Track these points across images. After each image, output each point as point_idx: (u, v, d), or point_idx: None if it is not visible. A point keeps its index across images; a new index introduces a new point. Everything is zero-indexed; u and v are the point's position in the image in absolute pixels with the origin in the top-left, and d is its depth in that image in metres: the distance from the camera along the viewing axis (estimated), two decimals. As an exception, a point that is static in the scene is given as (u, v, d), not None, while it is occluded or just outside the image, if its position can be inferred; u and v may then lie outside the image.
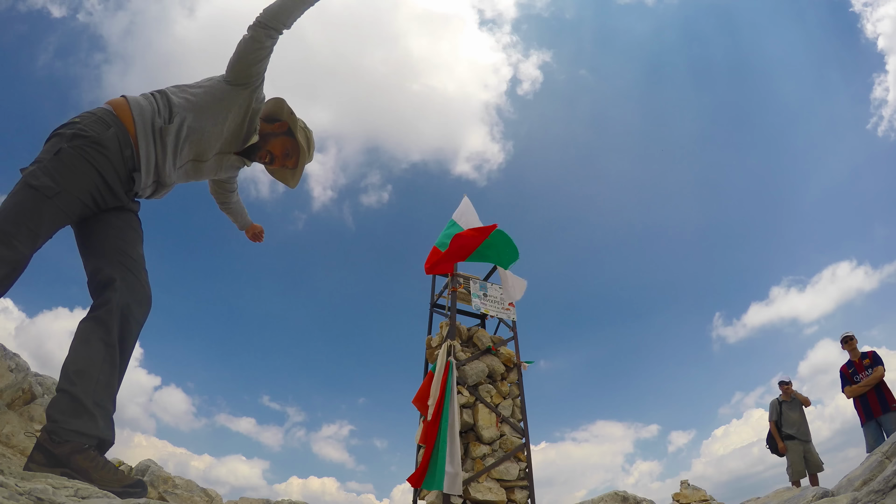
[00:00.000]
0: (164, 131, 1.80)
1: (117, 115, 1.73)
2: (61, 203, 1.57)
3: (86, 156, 1.62)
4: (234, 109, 1.93)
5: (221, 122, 1.92)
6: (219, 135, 1.94)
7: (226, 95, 1.91)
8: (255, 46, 1.87)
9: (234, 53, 1.90)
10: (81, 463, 1.41)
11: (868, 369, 5.86)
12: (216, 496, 9.26)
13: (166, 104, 1.84)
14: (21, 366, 7.50)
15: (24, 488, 0.99)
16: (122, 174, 1.73)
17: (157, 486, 8.21)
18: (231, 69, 1.91)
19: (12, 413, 6.35)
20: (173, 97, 1.87)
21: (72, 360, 1.56)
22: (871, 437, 5.66)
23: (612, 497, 8.85)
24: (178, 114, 1.84)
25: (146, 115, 1.78)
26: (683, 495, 9.23)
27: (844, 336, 6.13)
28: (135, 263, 1.77)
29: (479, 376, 6.12)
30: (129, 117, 1.74)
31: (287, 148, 2.10)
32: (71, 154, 1.60)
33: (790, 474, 6.46)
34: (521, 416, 6.16)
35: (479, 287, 6.66)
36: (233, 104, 1.92)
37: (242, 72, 1.90)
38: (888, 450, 2.24)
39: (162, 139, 1.81)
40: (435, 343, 6.75)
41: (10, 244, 1.46)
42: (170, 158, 1.86)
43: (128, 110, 1.76)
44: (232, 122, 1.95)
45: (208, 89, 1.92)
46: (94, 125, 1.67)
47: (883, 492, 1.52)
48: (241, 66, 1.89)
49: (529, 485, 5.77)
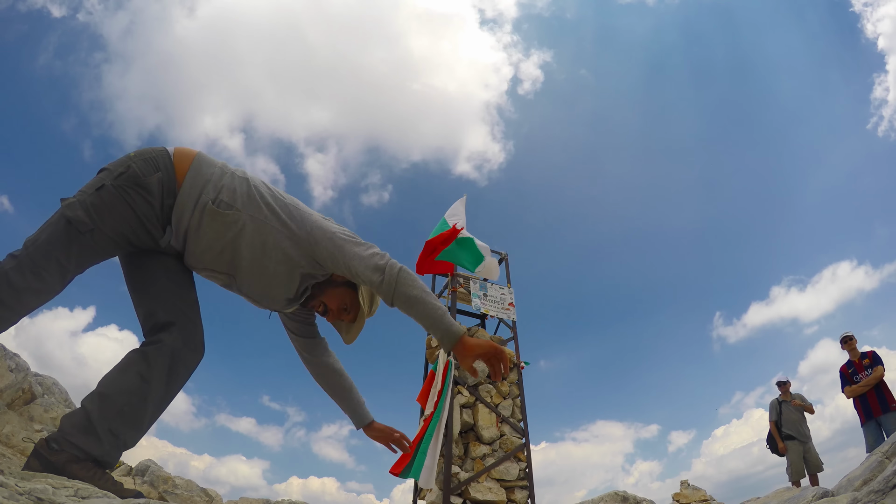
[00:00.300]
0: (206, 211, 1.55)
1: (173, 162, 1.59)
2: (94, 240, 1.50)
3: (126, 196, 1.51)
4: (295, 269, 1.64)
5: (273, 262, 1.61)
6: (261, 271, 1.63)
7: (298, 251, 1.62)
8: (373, 279, 1.58)
9: (348, 256, 1.58)
10: (77, 472, 1.40)
11: (868, 369, 5.87)
12: (216, 496, 9.26)
13: (232, 190, 1.59)
14: (21, 366, 7.50)
15: (24, 488, 0.99)
16: (161, 222, 1.58)
17: (157, 486, 8.21)
18: (326, 255, 1.61)
19: (12, 413, 6.35)
20: (251, 190, 1.61)
21: (103, 382, 1.53)
22: (870, 437, 5.66)
23: (612, 497, 8.85)
24: (237, 212, 1.57)
25: (199, 180, 1.58)
26: (683, 495, 9.23)
27: (844, 336, 6.14)
28: (191, 308, 1.67)
29: (479, 376, 6.13)
30: (184, 170, 1.58)
31: (345, 301, 1.78)
32: (112, 192, 1.50)
33: (790, 474, 6.47)
34: (521, 416, 6.16)
35: (479, 287, 6.66)
36: (298, 265, 1.63)
37: (334, 269, 1.65)
38: (888, 450, 2.24)
39: (200, 218, 1.56)
40: (435, 343, 6.76)
41: (39, 275, 1.43)
42: (199, 245, 1.59)
43: (187, 162, 1.60)
44: (286, 272, 1.64)
45: (287, 227, 1.61)
46: (143, 165, 1.55)
47: (883, 492, 1.52)
48: (341, 268, 1.62)
49: (529, 485, 5.77)
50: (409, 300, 1.57)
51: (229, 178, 1.61)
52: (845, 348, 6.11)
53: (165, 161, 1.57)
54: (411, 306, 1.58)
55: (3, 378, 6.65)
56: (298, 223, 1.62)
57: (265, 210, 1.60)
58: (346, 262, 1.59)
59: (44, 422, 7.65)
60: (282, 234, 1.60)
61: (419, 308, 1.57)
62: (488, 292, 6.70)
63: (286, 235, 1.60)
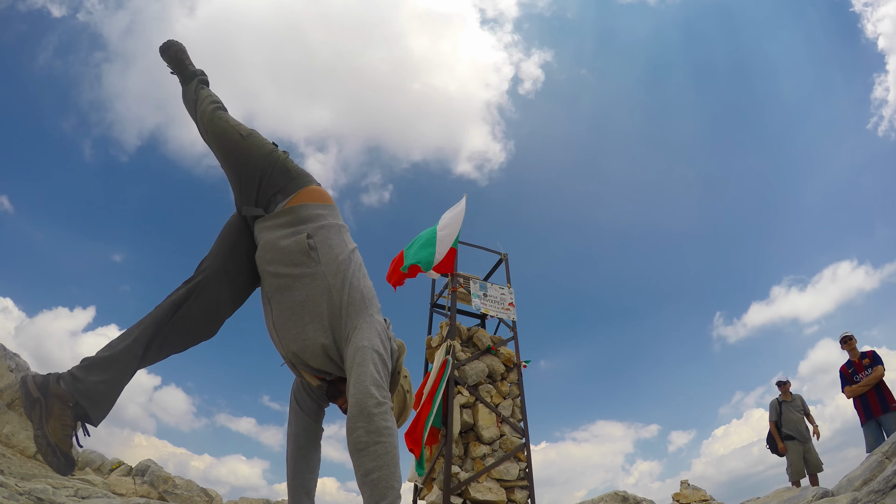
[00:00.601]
0: (297, 238, 1.65)
1: (307, 184, 1.80)
2: None
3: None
4: (320, 344, 1.58)
5: (309, 321, 1.59)
6: (295, 319, 1.60)
7: (333, 335, 1.59)
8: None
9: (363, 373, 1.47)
10: (53, 406, 1.43)
11: (868, 369, 5.86)
12: (216, 496, 9.27)
13: (329, 245, 1.65)
14: (21, 366, 7.50)
15: (25, 488, 1.00)
16: (255, 200, 1.81)
17: (158, 486, 8.21)
18: (347, 359, 1.53)
19: (12, 413, 6.36)
20: (345, 259, 1.65)
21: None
22: (871, 437, 5.66)
23: (613, 497, 8.86)
24: (317, 263, 1.61)
25: (314, 211, 1.72)
26: (683, 495, 9.23)
27: (844, 336, 6.13)
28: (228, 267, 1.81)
29: (479, 376, 6.12)
30: (311, 193, 1.77)
31: None
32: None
33: (790, 474, 6.47)
34: (521, 416, 6.16)
35: (479, 287, 6.66)
36: (326, 344, 1.57)
37: (347, 372, 1.56)
38: (888, 450, 2.24)
39: (287, 236, 1.66)
40: (435, 343, 6.75)
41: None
42: (269, 253, 1.67)
43: (318, 195, 1.78)
44: (314, 334, 1.58)
45: (340, 310, 1.58)
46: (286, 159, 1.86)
47: (883, 492, 1.52)
48: (350, 376, 1.52)
49: (529, 485, 5.77)
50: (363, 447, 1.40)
51: (336, 233, 1.69)
52: (845, 348, 6.10)
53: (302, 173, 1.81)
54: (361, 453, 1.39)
55: (3, 378, 6.65)
56: (351, 319, 1.58)
57: (331, 256, 1.64)
58: (358, 375, 1.47)
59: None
60: (332, 312, 1.58)
61: (365, 462, 1.38)
62: (488, 292, 6.70)
63: (333, 315, 1.58)
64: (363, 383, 1.42)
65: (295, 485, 1.76)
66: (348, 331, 1.55)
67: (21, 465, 4.62)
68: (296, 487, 1.76)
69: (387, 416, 1.42)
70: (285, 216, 1.68)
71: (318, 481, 1.82)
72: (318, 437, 1.84)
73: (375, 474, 1.35)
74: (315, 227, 1.66)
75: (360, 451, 1.37)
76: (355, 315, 1.57)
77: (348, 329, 1.55)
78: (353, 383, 1.44)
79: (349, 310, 1.57)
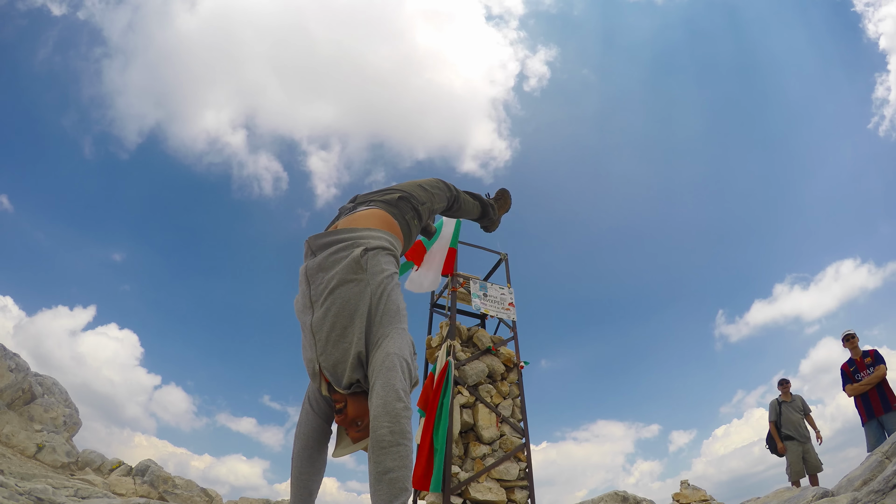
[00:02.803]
0: (354, 252, 1.72)
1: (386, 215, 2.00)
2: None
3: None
4: (353, 343, 1.65)
5: (348, 325, 1.64)
6: (339, 335, 1.65)
7: (362, 347, 1.64)
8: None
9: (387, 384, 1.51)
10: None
11: (869, 368, 5.85)
12: (216, 496, 9.28)
13: (380, 270, 1.73)
14: (21, 366, 7.50)
15: (25, 488, 1.00)
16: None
17: (158, 486, 8.21)
18: (373, 365, 1.58)
19: (12, 413, 6.37)
20: (388, 293, 1.70)
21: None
22: (872, 437, 5.65)
23: (613, 497, 8.85)
24: (365, 273, 1.69)
25: (376, 232, 1.84)
26: (684, 495, 9.23)
27: (846, 334, 6.12)
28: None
29: (479, 376, 6.12)
30: (385, 218, 1.95)
31: (364, 418, 1.66)
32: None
33: (789, 474, 6.47)
34: (521, 416, 6.16)
35: (479, 287, 6.66)
36: (358, 349, 1.63)
37: (370, 383, 1.59)
38: (888, 450, 2.24)
39: (345, 248, 1.74)
40: (435, 343, 6.76)
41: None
42: (321, 255, 1.77)
43: (388, 220, 1.96)
44: (347, 328, 1.65)
45: (376, 323, 1.65)
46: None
47: (883, 492, 1.52)
48: (373, 388, 1.56)
49: (529, 485, 5.77)
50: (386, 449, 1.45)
51: (385, 256, 1.76)
52: (847, 346, 6.09)
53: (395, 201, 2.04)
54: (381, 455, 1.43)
55: (3, 378, 6.66)
56: (383, 327, 1.63)
57: (383, 269, 1.71)
58: (386, 378, 1.51)
59: (44, 421, 7.65)
60: (369, 319, 1.64)
61: (385, 461, 1.42)
62: (488, 292, 6.70)
63: (369, 321, 1.64)
64: (392, 385, 1.48)
65: (298, 484, 1.81)
66: (378, 337, 1.61)
67: (21, 465, 4.62)
68: (299, 487, 1.81)
69: (409, 423, 1.48)
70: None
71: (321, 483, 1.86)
72: (327, 439, 1.88)
73: (394, 473, 1.40)
74: (373, 242, 1.77)
75: (383, 448, 1.41)
76: (388, 324, 1.64)
77: (379, 335, 1.62)
78: (382, 385, 1.49)
79: (383, 319, 1.64)
